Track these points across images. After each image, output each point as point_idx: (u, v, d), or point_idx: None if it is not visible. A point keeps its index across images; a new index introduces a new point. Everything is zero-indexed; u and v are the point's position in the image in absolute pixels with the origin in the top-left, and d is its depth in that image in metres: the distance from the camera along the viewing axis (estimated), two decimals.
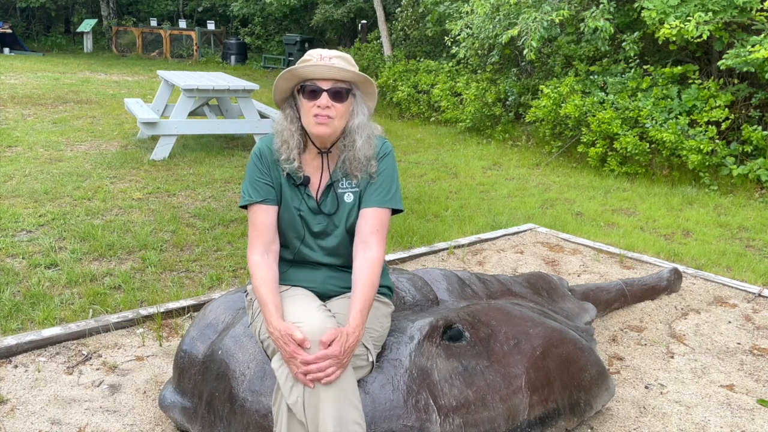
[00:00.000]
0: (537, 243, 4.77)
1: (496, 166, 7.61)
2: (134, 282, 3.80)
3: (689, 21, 6.54)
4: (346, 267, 2.27)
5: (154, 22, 21.30)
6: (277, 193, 2.22)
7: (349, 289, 2.23)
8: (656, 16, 6.71)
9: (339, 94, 2.11)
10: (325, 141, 2.17)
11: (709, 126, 6.70)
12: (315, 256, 2.24)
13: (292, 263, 2.26)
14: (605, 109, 7.25)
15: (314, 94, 2.11)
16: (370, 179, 2.21)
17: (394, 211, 2.26)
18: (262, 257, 2.17)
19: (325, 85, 2.10)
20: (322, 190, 2.22)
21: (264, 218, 2.20)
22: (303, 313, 2.02)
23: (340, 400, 1.90)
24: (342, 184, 2.22)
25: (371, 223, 2.17)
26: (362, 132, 2.16)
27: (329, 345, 1.92)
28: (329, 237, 2.23)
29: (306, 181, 2.21)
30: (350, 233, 2.24)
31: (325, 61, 2.11)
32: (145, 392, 2.67)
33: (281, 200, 2.23)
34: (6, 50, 18.85)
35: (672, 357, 3.15)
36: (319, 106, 2.09)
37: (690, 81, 7.17)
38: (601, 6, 7.41)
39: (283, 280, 2.24)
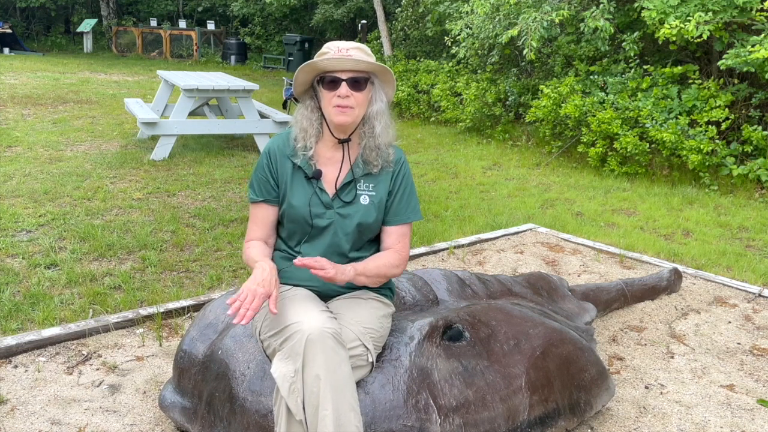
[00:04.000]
0: (537, 243, 4.77)
1: (496, 166, 7.61)
2: (134, 282, 3.81)
3: (689, 21, 6.54)
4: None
5: (154, 22, 21.30)
6: (283, 190, 2.26)
7: (351, 289, 2.25)
8: (656, 16, 6.71)
9: (357, 83, 2.15)
10: (346, 129, 2.21)
11: (709, 126, 6.70)
12: (320, 252, 2.24)
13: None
14: (605, 109, 7.25)
15: (334, 84, 2.15)
16: (389, 167, 2.27)
17: None
18: (258, 241, 2.29)
19: (344, 75, 2.15)
20: (341, 182, 2.24)
21: (265, 216, 2.30)
22: (303, 314, 2.02)
23: (339, 402, 1.90)
24: (360, 186, 2.25)
25: (395, 237, 2.30)
26: (381, 119, 2.22)
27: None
28: (338, 234, 2.23)
29: (318, 175, 2.23)
30: (360, 235, 2.25)
31: (342, 53, 2.15)
32: (145, 392, 2.67)
33: (290, 194, 2.24)
34: (6, 50, 18.85)
35: (672, 357, 3.15)
36: (339, 96, 2.14)
37: (690, 81, 7.17)
38: (601, 6, 7.41)
39: (287, 277, 2.26)
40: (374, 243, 2.34)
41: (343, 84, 2.14)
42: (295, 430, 1.92)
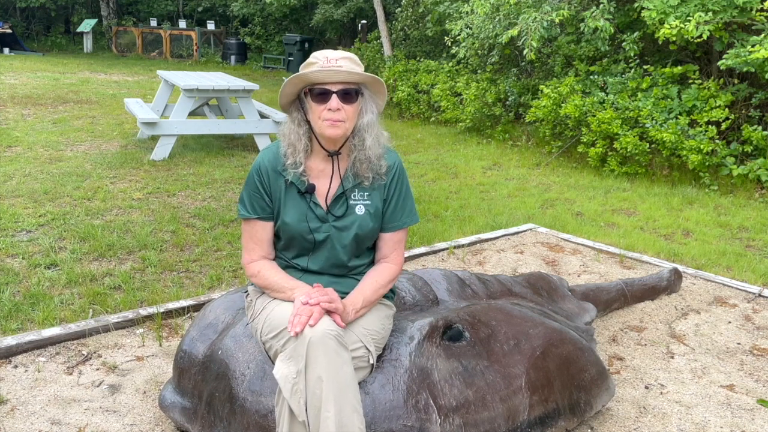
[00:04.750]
0: (537, 243, 4.77)
1: (496, 166, 7.61)
2: (134, 282, 3.80)
3: (689, 21, 6.54)
4: (349, 275, 2.26)
5: (154, 22, 21.30)
6: (276, 207, 2.21)
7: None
8: (656, 16, 6.71)
9: (348, 95, 2.09)
10: (336, 142, 2.16)
11: (709, 126, 6.70)
12: (319, 265, 2.23)
13: (303, 271, 2.26)
14: (605, 109, 7.25)
15: (323, 96, 2.08)
16: (381, 180, 2.22)
17: None
18: (263, 260, 2.23)
19: (335, 87, 2.08)
20: (332, 196, 2.19)
21: (262, 233, 2.23)
22: None
23: (342, 404, 1.89)
24: (354, 196, 2.21)
25: (391, 244, 2.28)
26: (371, 131, 2.16)
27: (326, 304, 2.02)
28: (335, 247, 2.21)
29: (311, 189, 2.18)
30: (358, 245, 2.23)
31: (332, 64, 2.08)
32: (145, 392, 2.67)
33: (284, 211, 2.20)
34: (6, 50, 18.85)
35: (672, 357, 3.15)
36: (330, 109, 2.07)
37: (690, 81, 7.17)
38: (601, 6, 7.41)
39: None
40: (372, 248, 2.32)
41: (334, 96, 2.07)
42: (297, 431, 1.92)
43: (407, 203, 2.28)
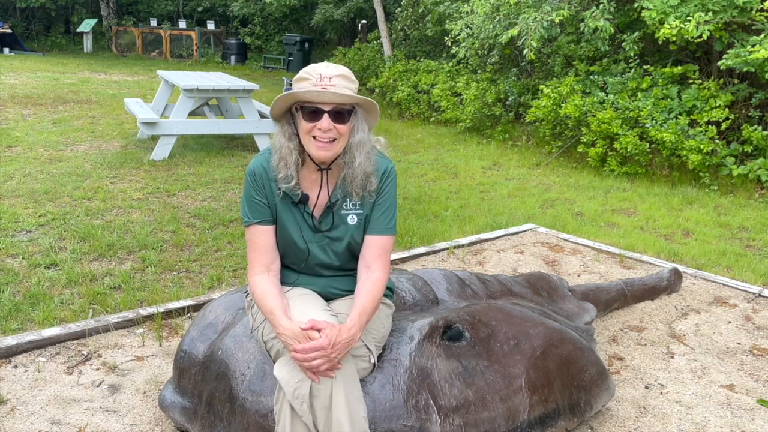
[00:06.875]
0: (537, 243, 4.76)
1: (496, 166, 7.61)
2: (134, 282, 3.80)
3: (689, 21, 6.54)
4: (346, 274, 2.26)
5: (154, 22, 21.30)
6: (273, 213, 2.18)
7: (350, 291, 2.24)
8: (656, 16, 6.71)
9: (341, 116, 2.03)
10: (326, 161, 2.11)
11: (709, 126, 6.70)
12: (315, 270, 2.23)
13: (299, 273, 2.26)
14: (605, 109, 7.25)
15: (315, 115, 2.02)
16: (370, 197, 2.17)
17: None
18: (262, 276, 2.16)
19: (327, 107, 2.02)
20: (321, 209, 2.17)
21: (263, 239, 2.17)
22: (307, 313, 2.03)
23: (350, 399, 1.94)
24: (346, 206, 2.17)
25: (375, 249, 2.16)
26: (362, 149, 2.09)
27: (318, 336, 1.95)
28: (330, 256, 2.20)
29: (305, 199, 2.15)
30: (352, 253, 2.21)
31: (325, 82, 2.01)
32: (145, 392, 2.67)
33: (279, 218, 2.18)
34: (6, 50, 18.84)
35: (672, 357, 3.15)
36: (320, 129, 2.01)
37: (690, 81, 7.17)
38: (601, 6, 7.41)
39: (286, 283, 2.25)
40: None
41: (325, 116, 2.01)
42: (298, 429, 1.93)
43: (395, 212, 2.22)
